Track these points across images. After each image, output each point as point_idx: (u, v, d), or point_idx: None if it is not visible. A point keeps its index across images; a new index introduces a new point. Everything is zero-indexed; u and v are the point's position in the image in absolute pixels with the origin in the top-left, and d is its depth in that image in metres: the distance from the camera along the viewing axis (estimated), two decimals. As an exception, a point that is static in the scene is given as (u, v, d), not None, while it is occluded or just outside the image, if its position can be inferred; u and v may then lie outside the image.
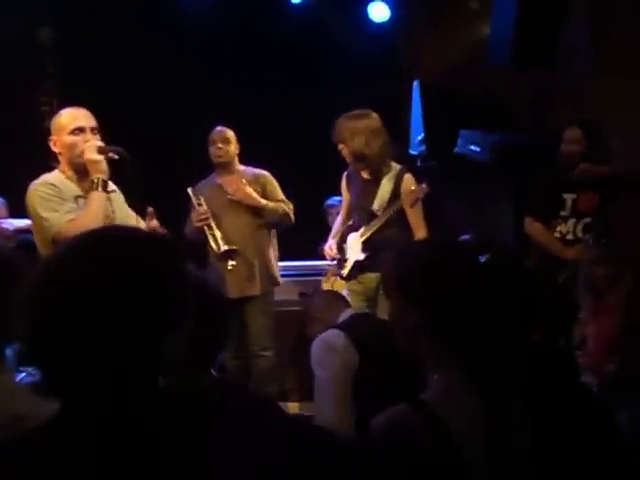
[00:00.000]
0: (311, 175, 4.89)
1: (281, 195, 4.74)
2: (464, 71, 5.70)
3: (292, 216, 4.69)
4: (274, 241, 4.80)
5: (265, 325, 4.69)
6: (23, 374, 4.55)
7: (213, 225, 4.49)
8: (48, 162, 3.33)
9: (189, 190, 4.60)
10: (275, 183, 4.75)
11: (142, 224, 3.30)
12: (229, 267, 4.43)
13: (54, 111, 5.20)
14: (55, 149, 3.18)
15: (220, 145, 4.66)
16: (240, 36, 5.74)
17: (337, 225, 4.64)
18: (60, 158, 3.19)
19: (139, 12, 5.71)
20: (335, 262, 4.51)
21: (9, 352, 5.15)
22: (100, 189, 3.05)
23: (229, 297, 4.32)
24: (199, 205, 4.53)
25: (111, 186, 3.16)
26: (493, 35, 5.07)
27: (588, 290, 2.89)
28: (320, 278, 5.22)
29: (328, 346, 2.65)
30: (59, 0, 5.57)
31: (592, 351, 2.79)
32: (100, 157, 3.06)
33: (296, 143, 5.67)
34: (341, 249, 4.46)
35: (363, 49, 6.00)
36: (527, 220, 4.56)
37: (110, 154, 3.09)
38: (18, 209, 4.43)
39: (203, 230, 4.49)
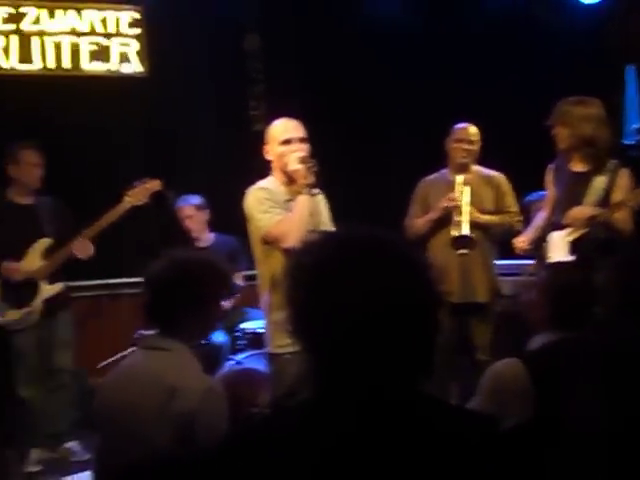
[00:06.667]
0: (513, 168, 4.66)
1: (511, 201, 4.61)
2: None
3: (518, 228, 4.50)
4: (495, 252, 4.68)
5: (490, 335, 4.57)
6: (232, 362, 4.83)
7: (463, 211, 4.40)
8: (254, 164, 3.68)
9: (458, 177, 4.50)
10: (508, 187, 4.62)
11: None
12: (460, 253, 4.34)
13: (262, 115, 5.49)
14: (268, 157, 3.54)
15: (466, 146, 4.56)
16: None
17: (537, 220, 4.30)
18: (272, 165, 3.54)
19: (341, 15, 5.82)
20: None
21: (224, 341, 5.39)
22: (305, 193, 3.37)
23: (452, 302, 4.34)
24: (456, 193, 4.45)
25: (315, 190, 3.45)
26: None
27: None
28: (516, 278, 4.76)
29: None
30: (264, 9, 5.80)
31: None
32: (301, 166, 3.38)
33: (502, 134, 5.43)
34: (540, 247, 4.11)
35: (571, 32, 5.83)
36: None
37: (309, 165, 3.37)
38: (223, 207, 4.70)
39: (441, 218, 4.43)
